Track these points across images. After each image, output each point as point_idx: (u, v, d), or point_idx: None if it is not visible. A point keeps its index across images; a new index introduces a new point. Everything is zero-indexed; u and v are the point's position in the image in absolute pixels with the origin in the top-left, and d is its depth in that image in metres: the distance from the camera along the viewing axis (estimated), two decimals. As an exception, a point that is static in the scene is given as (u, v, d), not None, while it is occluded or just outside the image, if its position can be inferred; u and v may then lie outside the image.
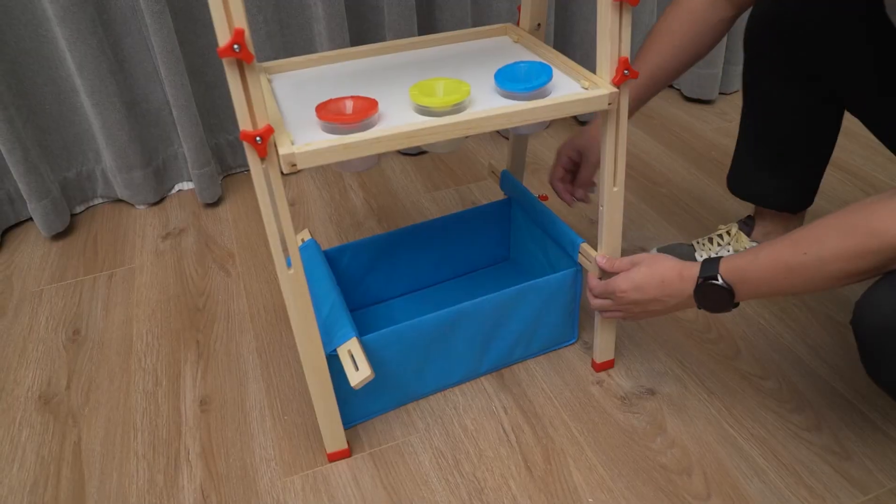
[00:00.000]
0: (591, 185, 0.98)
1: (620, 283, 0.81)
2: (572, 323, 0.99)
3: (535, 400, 0.94)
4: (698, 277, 0.75)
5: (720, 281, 0.73)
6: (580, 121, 1.69)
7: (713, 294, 0.74)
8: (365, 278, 1.06)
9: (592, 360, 0.98)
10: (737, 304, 0.75)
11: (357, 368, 0.77)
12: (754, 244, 1.09)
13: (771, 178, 1.04)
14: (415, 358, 0.89)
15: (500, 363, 0.97)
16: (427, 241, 1.08)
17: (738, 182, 1.10)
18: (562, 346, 1.01)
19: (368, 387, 0.87)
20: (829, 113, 0.97)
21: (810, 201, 1.07)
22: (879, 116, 0.90)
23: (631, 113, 0.91)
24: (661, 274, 0.78)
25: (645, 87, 0.94)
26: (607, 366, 0.98)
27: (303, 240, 1.00)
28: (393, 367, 0.88)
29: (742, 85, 1.03)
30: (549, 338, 0.99)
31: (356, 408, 0.90)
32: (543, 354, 1.01)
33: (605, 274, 0.86)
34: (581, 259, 0.90)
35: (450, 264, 1.12)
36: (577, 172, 0.99)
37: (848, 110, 0.95)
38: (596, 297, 0.87)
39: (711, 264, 0.74)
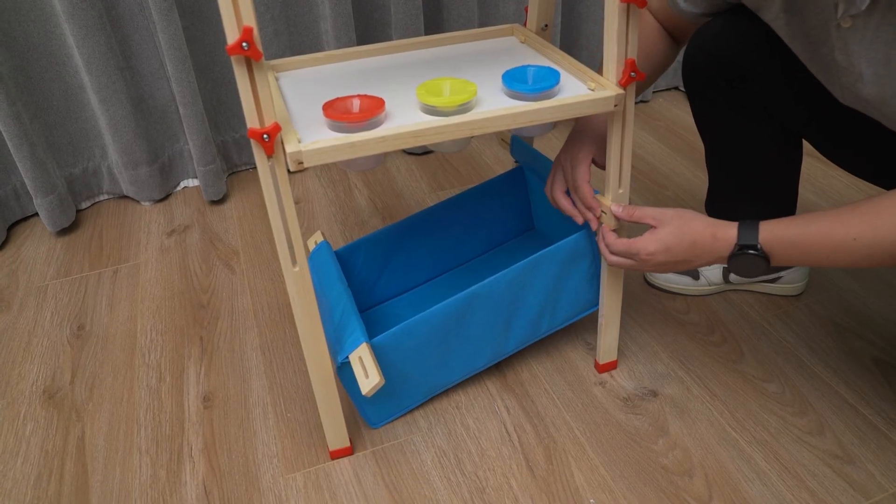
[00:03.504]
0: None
1: (647, 244, 0.77)
2: (597, 287, 0.95)
3: (538, 400, 0.94)
4: (735, 245, 0.73)
5: (758, 251, 0.71)
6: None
7: (749, 262, 0.72)
8: (385, 271, 1.05)
9: (595, 360, 0.99)
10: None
11: (367, 376, 0.77)
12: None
13: (748, 207, 1.03)
14: (434, 349, 0.88)
15: (528, 338, 0.95)
16: (444, 222, 1.07)
17: (717, 213, 1.08)
18: (587, 313, 0.97)
19: (393, 385, 0.88)
20: (785, 136, 0.96)
21: (793, 212, 1.05)
22: (827, 140, 0.90)
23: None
24: (692, 236, 0.76)
25: None
26: (610, 367, 0.98)
27: (316, 242, 1.00)
28: (413, 362, 0.88)
29: (695, 123, 1.02)
30: (574, 305, 0.95)
31: (385, 407, 0.90)
32: (547, 354, 1.01)
33: (620, 226, 0.83)
34: (601, 232, 0.86)
35: (473, 242, 1.11)
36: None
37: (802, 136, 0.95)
38: (614, 254, 0.82)
39: (750, 231, 0.72)
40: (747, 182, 1.01)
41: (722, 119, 0.97)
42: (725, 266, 1.12)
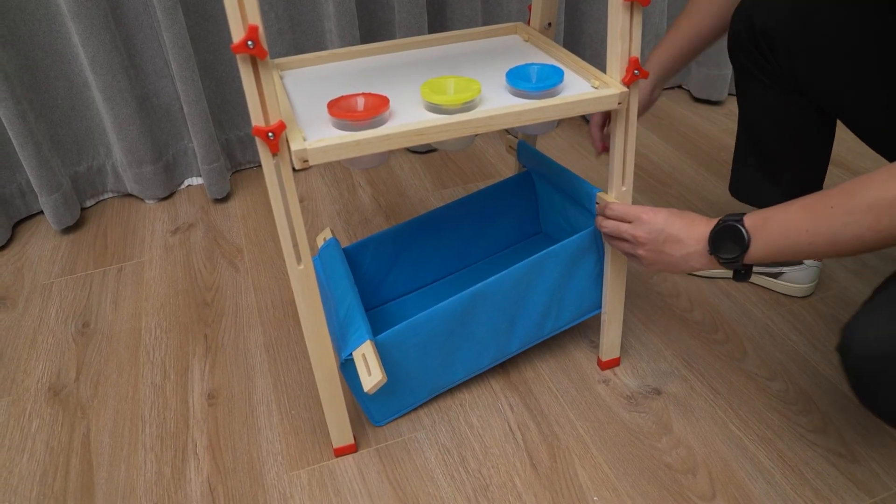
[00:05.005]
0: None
1: (650, 209, 0.78)
2: (602, 288, 0.94)
3: (541, 398, 0.94)
4: (720, 220, 0.72)
5: (741, 223, 0.70)
6: (589, 121, 1.69)
7: (729, 234, 0.71)
8: (392, 270, 1.05)
9: (598, 358, 0.99)
10: (747, 271, 0.72)
11: (370, 373, 0.78)
12: None
13: (771, 186, 1.03)
14: (438, 347, 0.88)
15: (532, 339, 0.95)
16: (452, 223, 1.07)
17: (739, 188, 1.09)
18: (591, 315, 0.97)
19: (396, 383, 0.88)
20: (820, 119, 0.96)
21: None
22: (864, 121, 0.89)
23: (664, 80, 0.97)
24: (691, 216, 0.76)
25: (680, 49, 0.96)
26: (613, 364, 0.98)
27: (325, 239, 1.01)
28: (417, 359, 0.88)
29: (736, 94, 1.03)
30: (578, 306, 0.95)
31: (388, 404, 0.90)
32: (551, 353, 1.01)
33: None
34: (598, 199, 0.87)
35: (481, 244, 1.11)
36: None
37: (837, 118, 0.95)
38: (611, 217, 0.82)
39: (739, 214, 0.72)
40: (771, 157, 1.01)
41: (759, 91, 0.96)
42: (709, 274, 1.13)
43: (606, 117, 0.98)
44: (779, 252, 0.69)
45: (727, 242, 0.71)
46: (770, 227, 0.68)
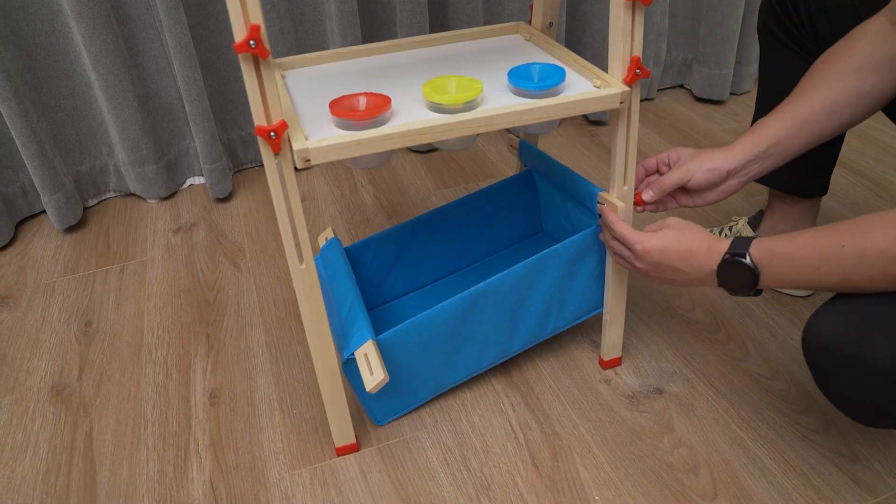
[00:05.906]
0: (662, 194, 0.84)
1: (645, 240, 0.77)
2: (603, 288, 0.94)
3: (543, 397, 0.94)
4: (726, 253, 0.71)
5: (747, 260, 0.69)
6: (591, 120, 1.69)
7: (737, 272, 0.70)
8: (393, 269, 1.05)
9: (600, 357, 0.99)
10: (758, 292, 0.71)
11: (372, 373, 0.78)
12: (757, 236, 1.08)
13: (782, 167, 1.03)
14: (440, 347, 0.88)
15: (533, 339, 0.95)
16: (454, 223, 1.07)
17: None
18: (593, 314, 0.97)
19: (398, 382, 0.88)
20: None
21: (819, 189, 1.05)
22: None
23: (773, 165, 0.84)
24: (689, 242, 0.75)
25: (790, 130, 0.82)
26: (614, 363, 0.98)
27: (326, 238, 1.01)
28: (418, 359, 0.88)
29: (759, 68, 1.03)
30: (580, 305, 0.95)
31: (390, 403, 0.90)
32: (552, 352, 1.01)
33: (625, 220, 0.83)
34: (601, 209, 0.86)
35: (482, 243, 1.12)
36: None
37: None
38: (614, 238, 0.82)
39: (743, 242, 0.71)
40: None
41: (778, 54, 0.96)
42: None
43: (658, 164, 0.87)
44: (789, 284, 0.69)
45: (736, 279, 0.71)
46: (778, 262, 0.68)
